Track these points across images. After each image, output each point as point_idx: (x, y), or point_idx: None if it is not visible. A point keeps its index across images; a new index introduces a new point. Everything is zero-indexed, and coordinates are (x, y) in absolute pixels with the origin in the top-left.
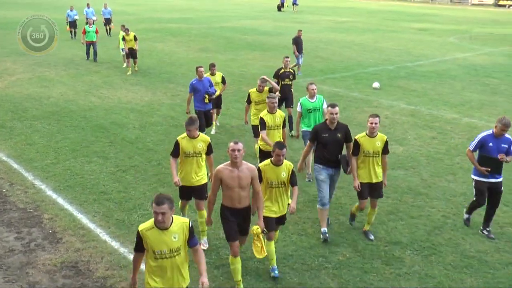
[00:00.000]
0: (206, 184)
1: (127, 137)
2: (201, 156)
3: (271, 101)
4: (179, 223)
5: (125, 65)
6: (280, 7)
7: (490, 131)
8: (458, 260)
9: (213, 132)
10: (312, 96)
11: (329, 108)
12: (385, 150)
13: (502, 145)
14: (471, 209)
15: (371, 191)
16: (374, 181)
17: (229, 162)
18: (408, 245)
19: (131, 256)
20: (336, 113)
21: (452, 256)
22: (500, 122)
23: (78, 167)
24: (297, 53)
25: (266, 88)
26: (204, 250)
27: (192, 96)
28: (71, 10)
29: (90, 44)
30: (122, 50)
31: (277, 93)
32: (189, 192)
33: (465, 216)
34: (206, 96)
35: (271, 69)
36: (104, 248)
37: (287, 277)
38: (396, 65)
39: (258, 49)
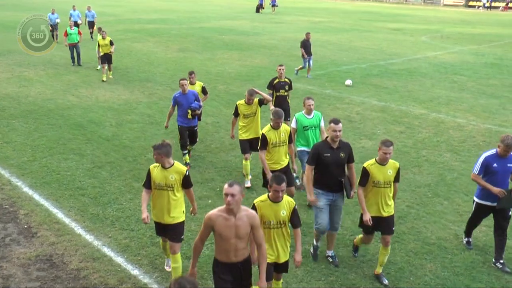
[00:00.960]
0: (181, 223)
1: (103, 135)
2: (173, 190)
3: (276, 120)
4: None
5: (99, 67)
6: (258, 8)
7: (493, 151)
8: (419, 247)
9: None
10: (309, 112)
11: (332, 124)
12: (397, 178)
13: (508, 165)
14: (468, 231)
15: (381, 226)
16: (384, 214)
17: (223, 207)
18: None
19: (105, 249)
20: (340, 130)
21: (414, 244)
22: (503, 143)
23: (55, 164)
24: (306, 56)
25: (256, 100)
26: None
27: (175, 111)
28: (52, 13)
29: (73, 47)
30: (98, 53)
31: (271, 106)
32: (163, 230)
33: (464, 240)
34: (189, 111)
35: (248, 68)
36: (78, 242)
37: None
38: (369, 64)
39: (235, 49)
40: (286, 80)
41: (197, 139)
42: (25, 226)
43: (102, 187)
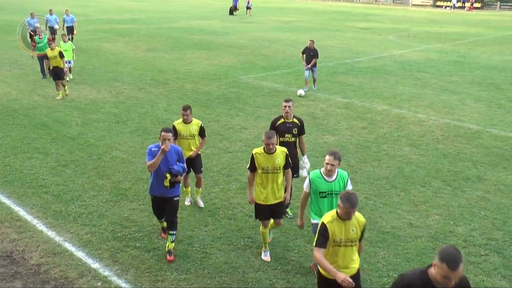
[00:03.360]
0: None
1: (69, 134)
2: None
3: (266, 142)
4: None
5: (68, 78)
6: (232, 11)
7: None
8: (374, 236)
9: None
10: (330, 173)
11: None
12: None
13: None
14: None
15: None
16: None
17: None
18: None
19: (66, 244)
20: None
21: (369, 233)
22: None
23: (18, 163)
24: (305, 66)
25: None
26: (137, 236)
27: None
28: (31, 18)
29: (42, 58)
30: (68, 63)
31: None
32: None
33: None
34: (167, 176)
35: (216, 67)
36: (40, 238)
37: (214, 257)
38: (336, 62)
39: (204, 48)
40: (295, 121)
41: (175, 218)
42: None
43: (66, 184)
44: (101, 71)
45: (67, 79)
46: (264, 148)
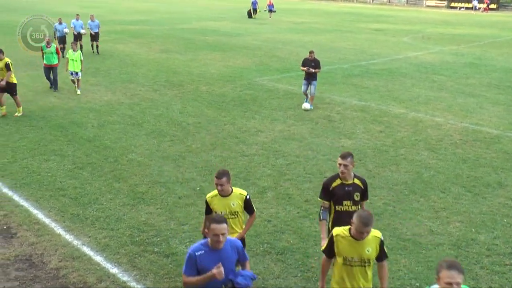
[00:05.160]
0: None
1: (85, 136)
2: None
3: (216, 182)
4: None
5: (78, 91)
6: (250, 13)
7: None
8: (394, 243)
9: None
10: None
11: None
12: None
13: None
14: None
15: None
16: None
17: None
18: None
19: (84, 248)
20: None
21: (389, 240)
22: None
23: (36, 165)
24: (308, 69)
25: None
26: (155, 241)
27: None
28: (59, 23)
29: (49, 69)
30: (72, 74)
31: None
32: None
33: None
34: None
35: (230, 69)
36: (58, 241)
37: None
38: (351, 64)
39: (218, 50)
40: (357, 182)
41: None
42: (4, 227)
43: (83, 187)
44: (115, 72)
45: (78, 92)
46: (349, 230)
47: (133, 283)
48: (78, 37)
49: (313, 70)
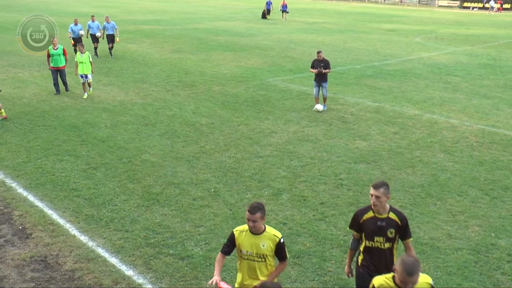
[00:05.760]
0: None
1: (98, 136)
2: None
3: (249, 217)
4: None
5: (85, 95)
6: (264, 14)
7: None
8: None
9: None
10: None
11: None
12: None
13: None
14: None
15: None
16: None
17: None
18: None
19: (99, 250)
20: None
21: None
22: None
23: (50, 165)
24: (318, 70)
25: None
26: (170, 243)
27: None
28: (75, 24)
29: (56, 71)
30: (82, 77)
31: None
32: None
33: None
34: None
35: (243, 69)
36: (73, 243)
37: None
38: (364, 65)
39: (230, 50)
40: (392, 217)
41: None
42: (20, 227)
43: (97, 188)
44: (128, 72)
45: (85, 96)
46: (393, 278)
47: (149, 285)
48: (94, 39)
49: (323, 71)
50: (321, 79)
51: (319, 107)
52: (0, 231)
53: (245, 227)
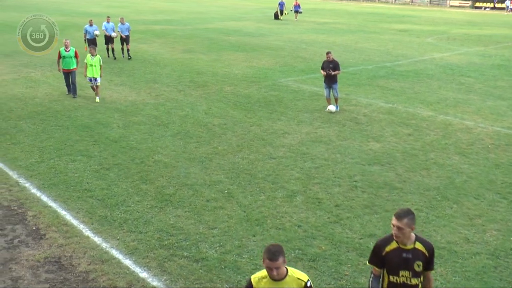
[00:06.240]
0: None
1: (110, 136)
2: None
3: (266, 264)
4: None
5: (97, 99)
6: (277, 15)
7: None
8: None
9: None
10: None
11: None
12: None
13: None
14: None
15: None
16: None
17: None
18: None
19: (113, 251)
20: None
21: None
22: None
23: (62, 166)
24: (328, 72)
25: None
26: (184, 245)
27: None
28: (90, 25)
29: (67, 74)
30: (91, 80)
31: None
32: None
33: None
34: None
35: (254, 70)
36: (86, 244)
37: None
38: (376, 65)
39: (241, 50)
40: (419, 248)
41: None
42: (34, 228)
43: (110, 189)
44: (139, 72)
45: (97, 100)
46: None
47: None
48: (109, 40)
49: (333, 73)
50: (330, 80)
51: (332, 108)
52: (14, 232)
53: (264, 273)
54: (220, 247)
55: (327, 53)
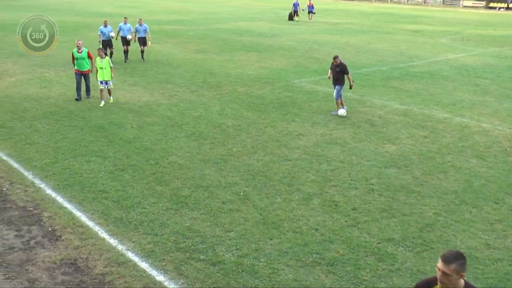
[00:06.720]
0: None
1: (125, 137)
2: None
3: None
4: None
5: (102, 103)
6: (292, 16)
7: None
8: None
9: None
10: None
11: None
12: None
13: None
14: None
15: None
16: None
17: None
18: (400, 241)
19: (129, 254)
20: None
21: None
22: None
23: (77, 166)
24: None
25: None
26: (200, 248)
27: None
28: (105, 26)
29: (80, 75)
30: (101, 83)
31: None
32: None
33: None
34: None
35: (267, 70)
36: (102, 246)
37: (282, 273)
38: (390, 66)
39: (254, 50)
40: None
41: None
42: (49, 229)
43: (125, 190)
44: (152, 72)
45: (101, 104)
46: None
47: None
48: (125, 42)
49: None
50: (336, 82)
51: (343, 112)
52: (30, 232)
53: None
54: (237, 251)
55: (334, 58)
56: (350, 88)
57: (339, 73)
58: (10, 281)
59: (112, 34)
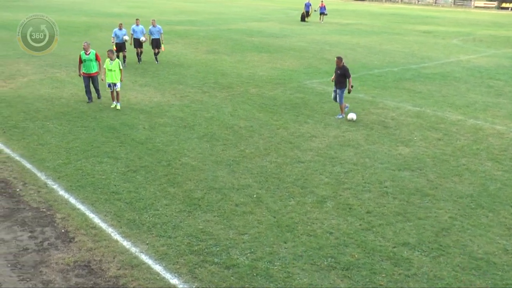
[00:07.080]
0: None
1: (137, 138)
2: None
3: None
4: None
5: (114, 104)
6: (304, 17)
7: None
8: (466, 261)
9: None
10: None
11: None
12: None
13: None
14: None
15: None
16: None
17: None
18: (416, 246)
19: (142, 256)
20: None
21: (460, 258)
22: None
23: (89, 167)
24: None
25: None
26: (214, 251)
27: None
28: (119, 29)
29: (88, 78)
30: (109, 86)
31: None
32: None
33: None
34: None
35: (279, 71)
36: (115, 248)
37: (297, 277)
38: (401, 67)
39: (265, 51)
40: None
41: None
42: (62, 231)
43: (138, 191)
44: (163, 73)
45: (113, 105)
46: None
47: None
48: (138, 44)
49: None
50: (337, 85)
51: (353, 116)
52: (44, 234)
53: None
54: (251, 254)
55: (337, 58)
56: (349, 92)
57: (341, 76)
58: (25, 283)
59: (126, 37)
